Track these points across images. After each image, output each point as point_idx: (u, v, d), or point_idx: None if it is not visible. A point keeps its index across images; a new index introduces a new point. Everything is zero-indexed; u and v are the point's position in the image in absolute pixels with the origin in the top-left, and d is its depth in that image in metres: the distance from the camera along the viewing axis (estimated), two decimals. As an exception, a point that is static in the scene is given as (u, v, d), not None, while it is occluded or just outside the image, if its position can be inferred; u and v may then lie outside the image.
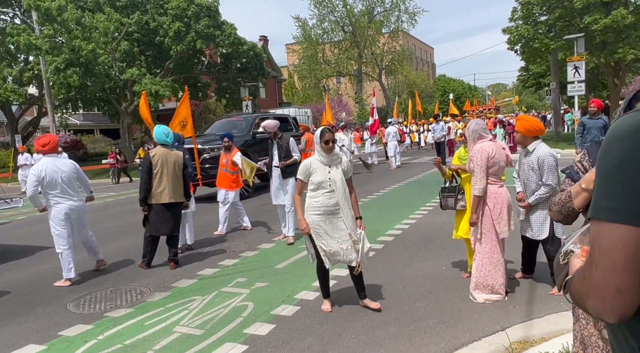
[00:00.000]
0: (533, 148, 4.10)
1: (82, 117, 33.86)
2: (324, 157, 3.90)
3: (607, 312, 0.79)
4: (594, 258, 0.80)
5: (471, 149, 4.12)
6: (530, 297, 4.13)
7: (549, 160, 4.02)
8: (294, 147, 6.68)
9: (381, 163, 18.01)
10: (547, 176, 4.01)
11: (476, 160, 3.97)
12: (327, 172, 3.85)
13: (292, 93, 45.01)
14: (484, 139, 4.09)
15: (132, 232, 7.88)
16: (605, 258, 0.78)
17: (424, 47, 72.31)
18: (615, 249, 0.76)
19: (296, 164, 6.17)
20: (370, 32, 39.30)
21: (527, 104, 69.20)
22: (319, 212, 3.83)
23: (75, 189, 5.42)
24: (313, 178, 3.86)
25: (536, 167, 4.06)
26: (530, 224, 4.17)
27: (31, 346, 3.75)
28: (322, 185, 3.84)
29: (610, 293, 0.77)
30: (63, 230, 5.29)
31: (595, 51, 21.97)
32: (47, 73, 20.56)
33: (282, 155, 6.55)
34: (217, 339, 3.64)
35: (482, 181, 3.94)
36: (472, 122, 4.26)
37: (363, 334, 3.60)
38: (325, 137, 3.88)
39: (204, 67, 27.17)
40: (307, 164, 3.93)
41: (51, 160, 5.28)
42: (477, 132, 4.10)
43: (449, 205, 4.66)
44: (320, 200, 3.83)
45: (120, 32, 22.68)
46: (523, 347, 3.22)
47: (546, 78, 31.45)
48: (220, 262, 5.86)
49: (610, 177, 0.79)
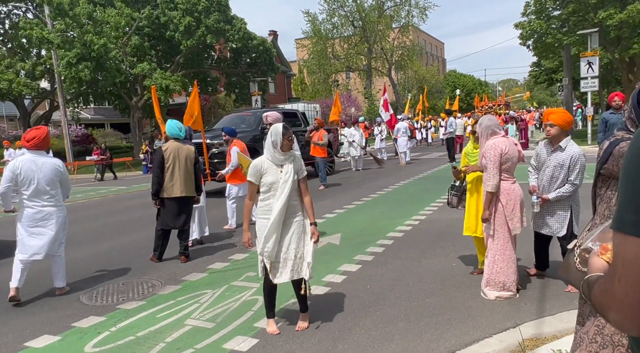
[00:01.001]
0: (565, 145, 4.00)
1: (93, 111, 34.17)
2: (277, 156, 3.50)
3: (630, 325, 0.78)
4: (617, 271, 0.79)
5: (483, 145, 4.07)
6: (542, 295, 4.10)
7: (582, 159, 4.00)
8: (295, 144, 6.20)
9: (390, 159, 17.96)
10: (577, 175, 3.97)
11: (489, 156, 3.92)
12: (279, 172, 3.49)
13: (302, 88, 44.95)
14: (497, 134, 4.05)
15: (144, 226, 7.95)
16: (629, 272, 0.76)
17: (435, 42, 71.76)
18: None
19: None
20: (380, 27, 39.11)
21: (539, 100, 68.47)
22: (268, 215, 3.47)
23: (54, 194, 4.75)
24: (264, 180, 3.48)
25: (567, 165, 3.98)
26: (549, 221, 4.13)
27: (45, 337, 3.80)
28: (273, 187, 3.47)
29: (632, 307, 0.76)
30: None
31: (609, 46, 21.64)
32: (59, 67, 20.75)
33: None
34: (228, 332, 3.67)
35: (495, 177, 3.90)
36: (485, 117, 4.21)
37: (373, 329, 3.60)
38: (288, 134, 3.52)
39: (213, 61, 27.26)
40: (257, 165, 3.53)
41: (32, 158, 4.64)
42: (490, 128, 4.05)
43: (453, 204, 4.73)
44: (270, 203, 3.48)
45: (131, 27, 22.82)
46: (535, 344, 3.20)
47: (558, 74, 31.06)
48: (230, 256, 5.90)
49: (637, 188, 0.76)
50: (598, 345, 1.75)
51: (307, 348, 3.36)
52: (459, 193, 4.68)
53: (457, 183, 4.73)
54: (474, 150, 4.59)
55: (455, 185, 4.74)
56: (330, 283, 4.67)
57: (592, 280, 0.94)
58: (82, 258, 6.26)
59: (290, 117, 13.48)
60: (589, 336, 1.79)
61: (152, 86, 10.92)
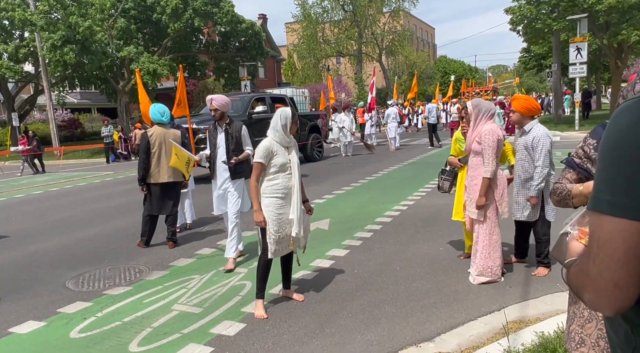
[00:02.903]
0: (530, 127, 4.06)
1: (79, 95, 33.56)
2: (285, 139, 3.68)
3: (603, 305, 0.78)
4: (592, 251, 0.78)
5: (475, 129, 4.02)
6: (527, 279, 4.16)
7: (544, 140, 3.98)
8: (247, 138, 5.06)
9: (380, 144, 17.96)
10: (538, 156, 3.97)
11: (487, 141, 3.87)
12: (287, 154, 3.69)
13: (292, 73, 44.54)
14: (492, 120, 4.04)
15: (130, 211, 7.88)
16: (604, 252, 0.75)
17: (425, 28, 71.37)
18: (615, 244, 0.74)
19: (246, 162, 4.94)
20: (370, 12, 38.74)
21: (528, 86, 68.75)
22: (278, 194, 3.63)
23: None
24: (275, 161, 3.63)
25: (530, 146, 4.02)
26: (522, 207, 4.14)
27: (30, 322, 3.77)
28: (283, 168, 3.65)
29: (607, 287, 0.76)
30: None
31: (598, 32, 21.68)
32: (42, 50, 20.28)
33: (231, 148, 4.89)
34: (215, 317, 3.67)
35: (493, 163, 3.89)
36: (481, 101, 4.14)
37: (360, 313, 3.63)
38: (295, 118, 3.73)
39: (202, 45, 26.84)
40: (267, 146, 3.64)
41: None
42: (489, 112, 4.02)
43: (444, 188, 4.74)
44: (279, 182, 3.64)
45: (117, 9, 22.32)
46: (519, 326, 3.25)
47: (548, 60, 31.12)
48: (218, 242, 5.88)
49: (613, 167, 0.76)
50: (585, 319, 1.80)
51: (294, 332, 3.38)
52: (450, 177, 4.68)
53: (447, 168, 4.73)
54: (464, 135, 4.58)
55: (446, 169, 4.74)
56: (318, 268, 4.69)
57: (570, 265, 0.94)
58: (68, 244, 6.21)
59: (279, 102, 13.34)
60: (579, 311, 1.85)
61: (137, 69, 10.67)
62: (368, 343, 3.17)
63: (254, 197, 3.67)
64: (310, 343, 3.21)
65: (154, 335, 3.42)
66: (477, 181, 4.01)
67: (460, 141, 4.64)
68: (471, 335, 3.20)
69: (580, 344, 1.81)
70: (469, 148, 4.09)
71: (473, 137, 4.02)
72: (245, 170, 4.90)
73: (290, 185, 3.68)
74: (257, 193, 3.68)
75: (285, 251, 3.78)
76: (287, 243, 3.73)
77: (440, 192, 4.85)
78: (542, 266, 4.22)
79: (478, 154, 4.00)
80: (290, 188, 3.68)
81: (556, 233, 1.38)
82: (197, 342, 3.28)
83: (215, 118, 4.90)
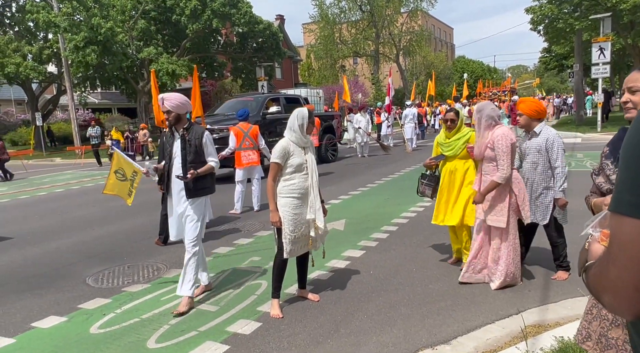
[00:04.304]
0: (540, 129, 4.00)
1: (100, 95, 34.21)
2: (302, 139, 3.68)
3: (623, 309, 0.76)
4: (612, 253, 0.76)
5: (483, 135, 3.89)
6: (546, 282, 4.08)
7: (558, 140, 3.96)
8: (210, 147, 4.09)
9: (396, 145, 17.87)
10: (556, 157, 3.94)
11: (501, 146, 3.76)
12: (304, 154, 3.70)
13: (309, 74, 44.62)
14: (499, 124, 3.92)
15: (149, 210, 8.00)
16: (624, 254, 0.74)
17: (443, 27, 70.76)
18: (636, 246, 0.72)
19: (210, 176, 4.10)
20: (388, 12, 38.56)
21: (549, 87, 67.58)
22: (294, 195, 3.64)
23: None
24: (292, 161, 3.63)
25: (544, 148, 3.96)
26: (534, 210, 4.06)
27: (52, 318, 3.86)
28: (300, 168, 3.65)
29: (627, 290, 0.74)
30: None
31: (622, 32, 21.21)
32: (65, 51, 20.73)
33: (188, 159, 3.96)
34: (231, 316, 3.70)
35: (509, 168, 3.77)
36: (486, 105, 4.03)
37: (376, 315, 3.61)
38: (312, 118, 3.74)
39: (220, 46, 27.11)
40: (284, 146, 3.63)
41: None
42: (493, 118, 3.90)
43: (426, 194, 4.63)
44: (296, 182, 3.65)
45: (137, 11, 22.68)
46: (537, 331, 3.20)
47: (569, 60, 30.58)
48: (235, 241, 5.92)
49: (635, 168, 0.74)
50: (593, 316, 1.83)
51: (310, 331, 3.39)
52: (432, 183, 4.55)
53: (428, 173, 4.61)
54: (446, 139, 4.39)
55: (426, 174, 4.62)
56: (334, 269, 4.69)
57: (590, 267, 0.92)
58: (88, 241, 6.33)
59: (293, 102, 13.38)
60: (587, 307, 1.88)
61: (152, 70, 10.80)
62: (383, 344, 3.16)
63: (270, 197, 3.68)
64: (325, 344, 3.21)
65: (172, 332, 3.46)
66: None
67: (441, 145, 4.46)
68: (488, 338, 3.16)
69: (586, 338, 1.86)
70: (481, 154, 3.91)
71: (483, 142, 3.87)
72: (209, 186, 4.09)
73: (307, 185, 3.69)
74: (274, 194, 3.69)
75: (302, 251, 3.79)
76: (304, 244, 3.75)
77: (420, 196, 4.76)
78: (561, 270, 4.15)
79: (492, 161, 3.86)
80: (307, 188, 3.69)
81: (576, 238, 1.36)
82: (213, 340, 3.31)
83: (170, 122, 3.99)
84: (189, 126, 4.05)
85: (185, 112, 4.03)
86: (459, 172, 4.36)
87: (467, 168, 4.35)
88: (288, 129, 3.71)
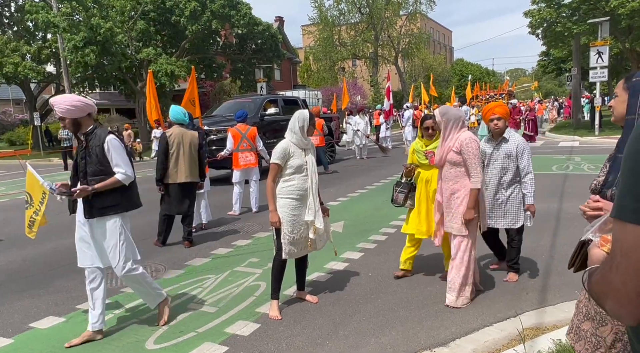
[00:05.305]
0: (508, 135, 4.05)
1: (98, 96, 34.12)
2: (302, 141, 3.71)
3: (626, 315, 0.77)
4: (615, 260, 0.77)
5: (451, 139, 3.67)
6: (544, 285, 4.10)
7: (527, 145, 4.04)
8: (116, 154, 3.35)
9: (395, 147, 17.89)
10: (526, 162, 3.98)
11: (471, 150, 3.58)
12: (304, 156, 3.71)
13: (308, 75, 44.63)
14: (464, 128, 3.77)
15: (147, 211, 7.97)
16: (627, 260, 0.74)
17: (442, 30, 70.94)
18: (639, 252, 0.73)
19: (121, 190, 3.40)
20: (387, 14, 38.61)
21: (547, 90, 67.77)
22: (293, 195, 3.65)
23: None
24: (292, 163, 3.65)
25: (514, 154, 3.98)
26: (507, 214, 4.05)
27: (50, 318, 3.86)
28: (300, 169, 3.67)
29: (629, 297, 0.75)
30: None
31: (620, 36, 21.31)
32: (64, 51, 20.70)
33: (88, 171, 3.32)
34: (230, 317, 3.71)
35: (481, 172, 3.64)
36: (449, 108, 3.87)
37: (374, 316, 3.62)
38: (313, 120, 3.75)
39: (219, 47, 27.10)
40: (285, 147, 3.65)
41: None
42: (460, 120, 3.73)
43: (399, 201, 4.38)
44: (295, 183, 3.66)
45: (137, 11, 22.67)
46: (535, 333, 3.21)
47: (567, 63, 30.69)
48: (233, 242, 5.93)
49: (637, 175, 0.75)
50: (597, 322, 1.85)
51: (308, 333, 3.39)
52: (405, 190, 4.33)
53: (402, 180, 4.43)
54: (424, 147, 4.20)
55: (401, 181, 4.42)
56: (333, 271, 4.70)
57: (592, 272, 0.93)
58: (87, 242, 6.32)
59: (291, 104, 13.38)
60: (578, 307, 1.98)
61: (149, 71, 10.77)
62: (382, 346, 3.17)
63: (269, 198, 3.70)
64: (324, 345, 3.22)
65: (170, 333, 3.47)
66: (460, 194, 3.67)
67: (418, 153, 4.26)
68: (486, 340, 3.17)
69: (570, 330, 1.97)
70: (443, 159, 3.71)
71: (447, 147, 3.68)
72: (117, 203, 3.38)
73: (306, 186, 3.71)
74: (273, 194, 3.70)
75: (301, 253, 3.81)
76: (303, 245, 3.76)
77: (394, 205, 4.45)
78: (513, 271, 4.20)
79: (456, 165, 3.67)
80: (306, 190, 3.71)
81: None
82: (212, 341, 3.31)
83: (68, 129, 3.39)
84: (91, 131, 3.35)
85: (82, 115, 3.31)
86: (435, 181, 4.11)
87: None
88: (289, 130, 3.74)
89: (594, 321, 1.81)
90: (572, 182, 8.89)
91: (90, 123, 3.39)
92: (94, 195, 3.29)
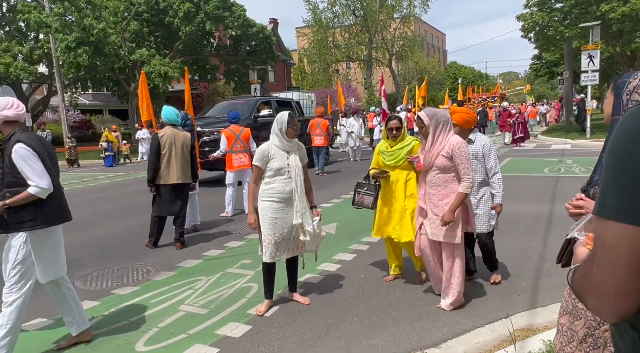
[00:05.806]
0: (474, 137, 4.04)
1: (91, 96, 33.93)
2: (285, 143, 3.68)
3: (607, 311, 0.78)
4: (597, 257, 0.78)
5: (440, 143, 3.55)
6: (535, 286, 4.12)
7: (493, 146, 4.05)
8: (25, 166, 2.95)
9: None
10: (494, 162, 3.99)
11: (463, 153, 3.50)
12: (286, 159, 3.68)
13: (302, 77, 44.68)
14: (452, 131, 3.69)
15: (139, 212, 7.94)
16: (608, 257, 0.75)
17: (436, 33, 71.33)
18: (620, 249, 0.73)
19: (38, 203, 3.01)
20: (381, 17, 38.76)
21: (539, 93, 68.28)
22: (273, 198, 3.63)
23: None
24: (272, 165, 3.64)
25: (481, 154, 3.98)
26: (479, 218, 3.97)
27: (39, 320, 3.82)
28: (280, 172, 3.65)
29: (610, 293, 0.75)
30: None
31: (611, 40, 21.54)
32: (57, 51, 20.57)
33: (4, 182, 3.00)
34: (221, 319, 3.68)
35: (471, 177, 3.55)
36: (437, 110, 3.77)
37: (366, 318, 3.62)
38: (294, 122, 3.69)
39: (213, 49, 27.06)
40: (264, 150, 3.66)
41: None
42: (449, 122, 3.64)
43: (365, 204, 4.28)
44: (275, 186, 3.64)
45: (130, 12, 22.59)
46: (526, 334, 3.22)
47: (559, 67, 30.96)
48: (225, 244, 5.90)
49: (619, 172, 0.75)
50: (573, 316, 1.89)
51: (300, 335, 3.38)
52: (373, 192, 4.25)
53: (364, 182, 4.34)
54: (388, 148, 4.13)
55: (363, 183, 4.33)
56: (325, 272, 4.69)
57: (576, 270, 0.94)
58: (77, 244, 6.26)
59: (285, 105, 13.37)
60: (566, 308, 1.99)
61: (142, 72, 10.68)
62: (374, 348, 3.16)
63: (250, 199, 3.76)
64: (316, 347, 3.21)
65: (161, 335, 3.44)
66: (450, 200, 3.53)
67: (383, 154, 4.17)
68: (477, 342, 3.18)
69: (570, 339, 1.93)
70: (431, 164, 3.57)
71: (435, 152, 3.55)
72: (31, 219, 2.99)
73: (289, 189, 3.66)
74: (254, 196, 3.73)
75: (288, 255, 3.79)
76: (291, 247, 3.74)
77: (355, 207, 4.39)
78: (494, 272, 4.23)
79: (445, 170, 3.55)
80: (290, 192, 3.66)
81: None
82: (202, 343, 3.29)
83: None
84: (8, 138, 2.98)
85: None
86: (400, 183, 4.10)
87: (408, 179, 4.10)
88: (272, 132, 3.76)
89: (570, 315, 1.85)
90: (564, 184, 8.96)
91: (9, 130, 3.02)
92: (7, 210, 2.95)
